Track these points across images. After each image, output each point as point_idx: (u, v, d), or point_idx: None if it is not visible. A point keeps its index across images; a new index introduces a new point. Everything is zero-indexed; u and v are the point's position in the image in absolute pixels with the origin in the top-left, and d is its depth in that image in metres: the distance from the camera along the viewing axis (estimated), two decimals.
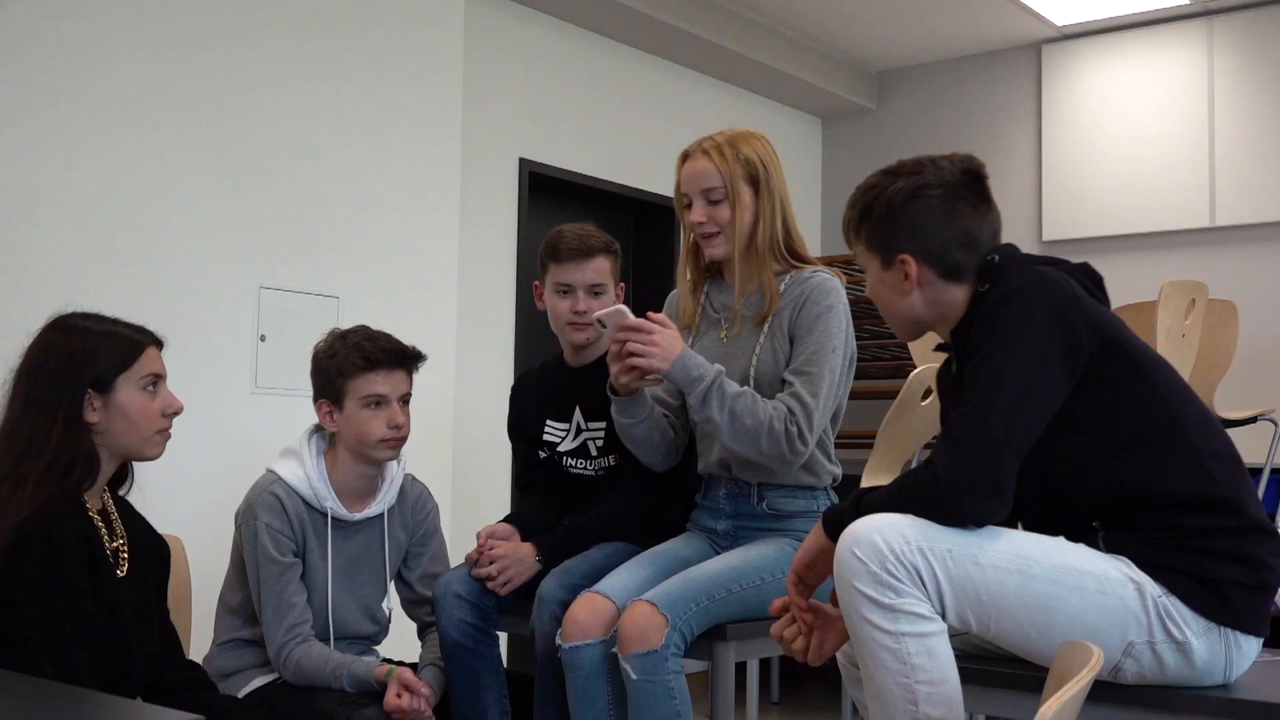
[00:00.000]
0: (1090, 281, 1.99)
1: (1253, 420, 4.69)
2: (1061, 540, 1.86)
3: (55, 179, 3.23)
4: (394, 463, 2.66)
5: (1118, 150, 5.77)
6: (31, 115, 3.19)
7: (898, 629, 1.74)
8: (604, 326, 2.39)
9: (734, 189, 2.46)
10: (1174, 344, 4.32)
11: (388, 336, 2.60)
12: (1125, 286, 5.41)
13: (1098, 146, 5.83)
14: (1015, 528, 1.89)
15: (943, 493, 1.79)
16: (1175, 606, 1.79)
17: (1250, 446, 4.88)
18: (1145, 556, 1.82)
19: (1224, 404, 4.82)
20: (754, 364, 2.45)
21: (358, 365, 2.53)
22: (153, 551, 2.23)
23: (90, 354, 2.06)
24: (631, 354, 2.33)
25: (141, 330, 2.16)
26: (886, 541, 1.75)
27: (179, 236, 3.48)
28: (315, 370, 2.60)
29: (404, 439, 2.59)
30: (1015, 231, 6.06)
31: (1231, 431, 5.24)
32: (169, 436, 2.17)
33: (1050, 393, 1.84)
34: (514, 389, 2.99)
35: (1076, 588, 1.79)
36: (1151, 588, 1.80)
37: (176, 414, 2.16)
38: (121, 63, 3.37)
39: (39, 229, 3.20)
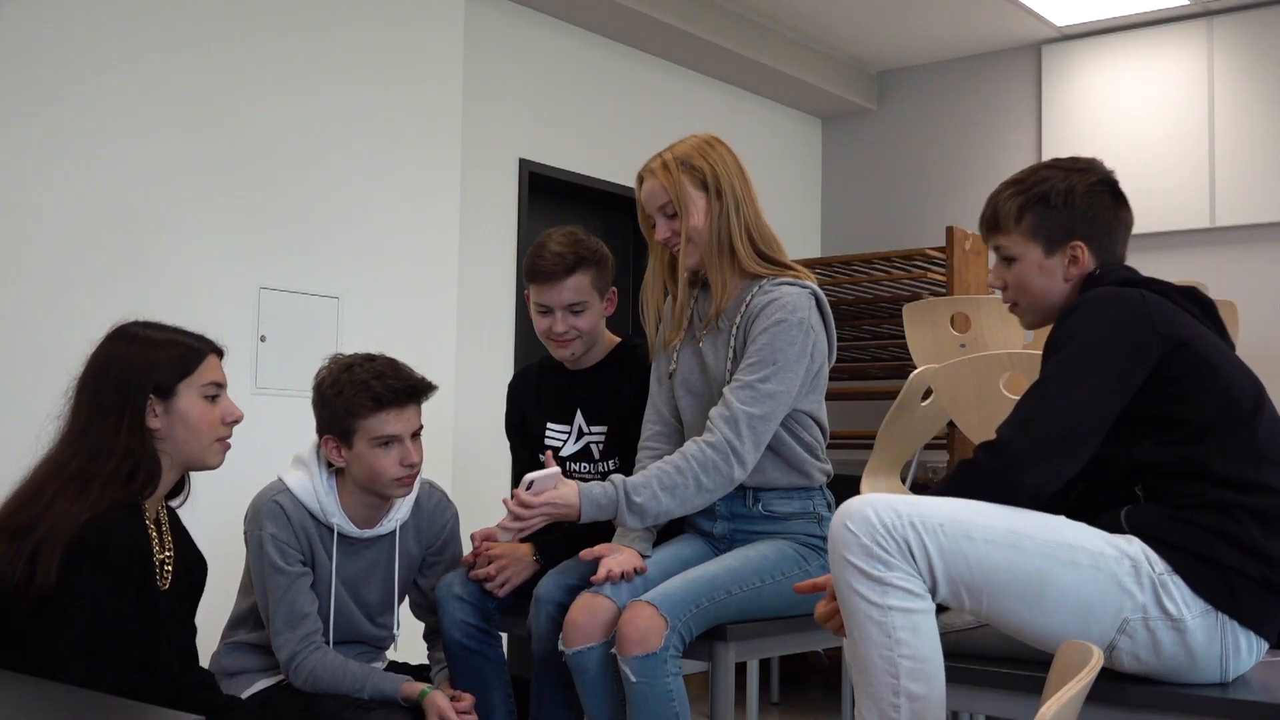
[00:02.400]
0: (1194, 305, 2.03)
1: None
2: (1059, 517, 1.88)
3: (54, 179, 3.23)
4: None
5: (1118, 150, 5.76)
6: (32, 115, 3.19)
7: (885, 603, 1.76)
8: (529, 487, 2.29)
9: (682, 198, 2.46)
10: None
11: (396, 369, 2.46)
12: None
13: (1098, 146, 5.81)
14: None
15: (1006, 456, 1.84)
16: (1175, 584, 1.80)
17: None
18: (1159, 532, 1.84)
19: None
20: (725, 376, 2.46)
21: (367, 406, 2.41)
22: (191, 566, 2.22)
23: (152, 360, 2.08)
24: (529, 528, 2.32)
25: (202, 339, 2.18)
26: (878, 514, 1.77)
27: (179, 236, 3.48)
28: (319, 403, 2.48)
29: (417, 474, 2.50)
30: None
31: None
32: (229, 446, 2.18)
33: (1110, 395, 1.88)
34: (512, 386, 2.94)
35: (1069, 563, 1.80)
36: (1155, 564, 1.81)
37: (237, 422, 2.18)
38: (121, 63, 3.37)
39: (38, 228, 3.20)
